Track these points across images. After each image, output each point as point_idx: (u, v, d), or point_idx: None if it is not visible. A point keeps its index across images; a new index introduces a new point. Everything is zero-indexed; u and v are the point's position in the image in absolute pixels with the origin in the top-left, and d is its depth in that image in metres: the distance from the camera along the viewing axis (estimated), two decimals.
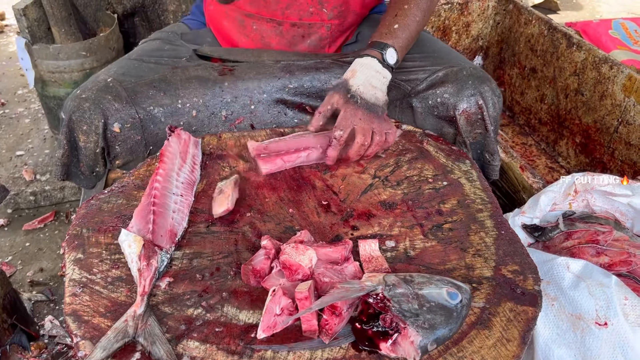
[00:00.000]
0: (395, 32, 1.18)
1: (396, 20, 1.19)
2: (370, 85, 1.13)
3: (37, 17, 2.05)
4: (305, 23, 1.32)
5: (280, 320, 0.79)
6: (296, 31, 1.33)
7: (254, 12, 1.32)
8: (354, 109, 1.10)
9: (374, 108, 1.12)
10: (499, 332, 0.80)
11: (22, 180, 2.10)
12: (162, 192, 0.98)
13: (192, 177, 1.07)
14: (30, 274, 1.79)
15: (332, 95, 1.13)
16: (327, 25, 1.33)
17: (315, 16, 1.31)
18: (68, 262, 0.90)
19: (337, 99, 1.12)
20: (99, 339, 0.77)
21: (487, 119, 1.21)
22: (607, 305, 0.95)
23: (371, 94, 1.13)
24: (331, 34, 1.35)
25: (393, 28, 1.18)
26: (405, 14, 1.20)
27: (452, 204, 1.05)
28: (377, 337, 0.76)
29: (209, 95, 1.23)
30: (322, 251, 0.88)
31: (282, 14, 1.30)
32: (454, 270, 0.91)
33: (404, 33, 1.19)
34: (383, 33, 1.19)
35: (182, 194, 1.02)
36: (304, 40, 1.35)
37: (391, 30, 1.18)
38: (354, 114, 1.10)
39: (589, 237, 1.17)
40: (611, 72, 1.86)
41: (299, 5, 1.29)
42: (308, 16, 1.31)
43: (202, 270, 0.90)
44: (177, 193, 1.01)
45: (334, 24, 1.33)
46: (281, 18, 1.31)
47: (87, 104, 1.14)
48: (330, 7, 1.30)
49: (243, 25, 1.35)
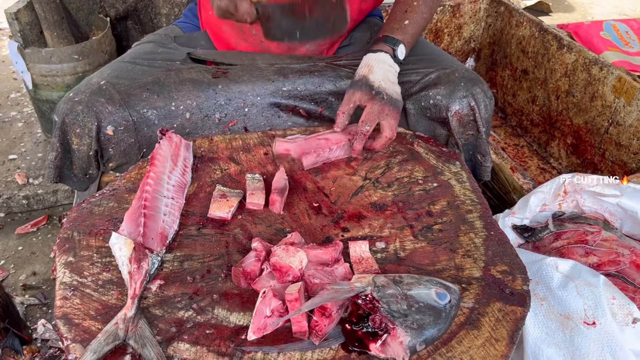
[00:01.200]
0: (406, 27, 1.22)
1: (406, 17, 1.22)
2: (389, 81, 1.17)
3: (29, 20, 2.05)
4: None
5: (271, 322, 0.80)
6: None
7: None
8: (381, 105, 1.14)
9: (397, 103, 1.16)
10: (488, 332, 0.81)
11: (14, 184, 2.10)
12: (153, 195, 0.98)
13: (183, 180, 1.08)
14: (23, 277, 1.79)
15: (354, 93, 1.16)
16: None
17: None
18: (59, 265, 0.90)
19: (360, 95, 1.15)
20: (89, 342, 0.77)
21: (479, 121, 1.22)
22: (596, 305, 0.96)
23: (392, 89, 1.17)
24: (330, 39, 1.36)
25: (404, 24, 1.22)
26: (415, 10, 1.23)
27: (442, 205, 1.06)
28: (366, 337, 0.77)
29: (202, 98, 1.24)
30: (313, 253, 0.88)
31: None
32: (444, 271, 0.92)
33: (413, 29, 1.23)
34: (395, 28, 1.22)
35: (173, 196, 1.02)
36: (302, 45, 1.36)
37: (402, 25, 1.22)
38: (381, 109, 1.14)
39: (578, 237, 1.18)
40: (601, 74, 1.88)
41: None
42: None
43: (193, 272, 0.90)
44: (168, 196, 1.01)
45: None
46: None
47: (80, 106, 1.14)
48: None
49: (242, 30, 1.35)
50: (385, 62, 1.18)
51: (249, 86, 1.26)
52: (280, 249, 0.86)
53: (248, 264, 0.88)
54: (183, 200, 1.05)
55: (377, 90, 1.14)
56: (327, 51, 1.39)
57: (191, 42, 1.41)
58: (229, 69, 1.30)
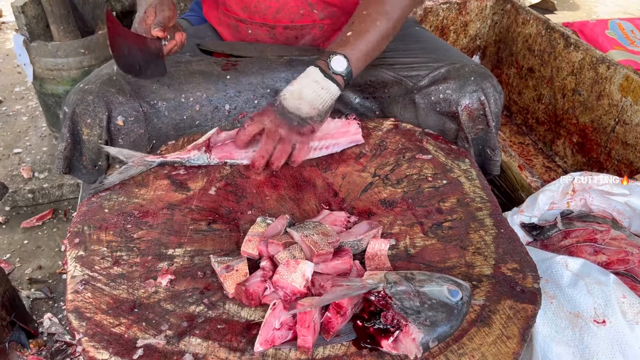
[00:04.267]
0: (348, 39, 1.12)
1: (351, 28, 1.14)
2: (298, 95, 1.08)
3: (35, 14, 2.04)
4: (297, 25, 1.32)
5: (279, 335, 0.78)
6: (289, 33, 1.34)
7: (246, 17, 1.33)
8: (270, 111, 1.08)
9: (288, 116, 1.06)
10: (499, 329, 0.81)
11: (20, 177, 2.10)
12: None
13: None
14: (29, 271, 1.79)
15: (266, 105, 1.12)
16: (319, 25, 1.33)
17: (306, 18, 1.32)
18: (70, 259, 0.90)
19: (267, 103, 1.16)
20: (101, 336, 0.77)
21: (488, 115, 1.22)
22: (605, 304, 0.96)
23: (293, 103, 1.07)
24: (324, 33, 1.36)
25: (346, 36, 1.13)
26: (363, 20, 1.14)
27: (451, 202, 1.05)
28: (378, 334, 0.77)
29: (212, 90, 1.24)
30: (331, 265, 0.86)
31: (273, 18, 1.31)
32: (454, 268, 0.92)
33: (358, 40, 1.12)
34: (336, 42, 1.14)
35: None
36: (297, 41, 1.36)
37: (344, 38, 1.13)
38: (267, 114, 1.07)
39: (586, 235, 1.18)
40: (608, 72, 1.87)
41: (289, 8, 1.30)
42: (299, 18, 1.32)
43: (203, 267, 0.90)
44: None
45: (326, 23, 1.34)
46: (273, 22, 1.32)
47: (91, 97, 1.14)
48: (321, 7, 1.30)
49: (237, 30, 1.36)
50: (309, 77, 1.09)
51: (259, 78, 1.26)
52: (282, 266, 0.83)
53: (252, 283, 0.83)
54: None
55: (277, 99, 1.09)
56: (322, 45, 1.39)
57: (199, 34, 1.42)
58: (239, 61, 1.30)
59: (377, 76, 1.30)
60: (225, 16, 1.36)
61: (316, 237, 0.87)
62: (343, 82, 1.11)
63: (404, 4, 1.17)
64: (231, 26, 1.37)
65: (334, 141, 1.18)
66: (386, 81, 1.30)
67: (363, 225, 0.96)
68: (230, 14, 1.34)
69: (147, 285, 0.86)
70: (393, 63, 1.30)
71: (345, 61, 1.10)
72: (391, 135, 1.23)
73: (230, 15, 1.35)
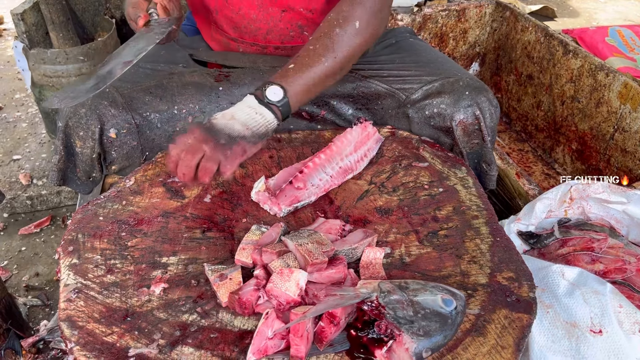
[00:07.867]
0: (289, 72, 1.08)
1: (294, 60, 1.10)
2: (230, 116, 1.02)
3: (35, 21, 2.05)
4: (288, 46, 1.33)
5: (272, 345, 0.77)
6: (280, 52, 1.34)
7: (237, 36, 1.33)
8: (195, 129, 0.99)
9: (215, 133, 0.98)
10: (494, 339, 0.80)
11: (18, 184, 2.10)
12: (315, 167, 1.09)
13: (353, 166, 1.14)
14: (26, 278, 1.79)
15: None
16: None
17: (296, 39, 1.32)
18: (63, 267, 0.90)
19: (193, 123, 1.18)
20: (93, 345, 0.77)
21: (484, 130, 1.21)
22: (602, 313, 0.95)
23: (224, 122, 1.00)
24: None
25: (288, 68, 1.09)
26: (308, 55, 1.10)
27: (447, 210, 1.05)
28: (372, 344, 0.76)
29: (205, 101, 1.23)
30: (325, 274, 0.86)
31: (263, 39, 1.32)
32: (449, 277, 0.91)
33: (299, 73, 1.08)
34: (277, 72, 1.10)
35: (332, 175, 1.11)
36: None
37: (285, 70, 1.09)
38: (191, 132, 0.99)
39: (584, 244, 1.18)
40: (607, 80, 1.87)
41: (279, 30, 1.30)
42: (289, 40, 1.32)
43: (197, 276, 0.90)
44: (329, 173, 1.10)
45: None
46: (264, 43, 1.32)
47: (83, 109, 1.14)
48: (311, 30, 1.30)
49: (229, 47, 1.37)
50: (244, 103, 1.04)
51: (251, 89, 1.26)
52: (275, 275, 0.83)
53: (245, 292, 0.83)
54: (339, 182, 1.12)
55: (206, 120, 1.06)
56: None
57: (193, 44, 1.43)
58: (231, 72, 1.30)
59: (370, 88, 1.29)
60: (217, 33, 1.37)
61: (310, 246, 0.86)
62: (280, 113, 1.05)
63: (353, 44, 1.13)
64: (223, 43, 1.37)
65: (366, 147, 1.18)
66: (379, 93, 1.29)
67: (358, 233, 0.96)
68: (222, 32, 1.35)
69: (141, 294, 0.86)
70: (386, 75, 1.29)
71: (281, 92, 1.04)
72: (387, 142, 1.23)
73: (222, 33, 1.35)
